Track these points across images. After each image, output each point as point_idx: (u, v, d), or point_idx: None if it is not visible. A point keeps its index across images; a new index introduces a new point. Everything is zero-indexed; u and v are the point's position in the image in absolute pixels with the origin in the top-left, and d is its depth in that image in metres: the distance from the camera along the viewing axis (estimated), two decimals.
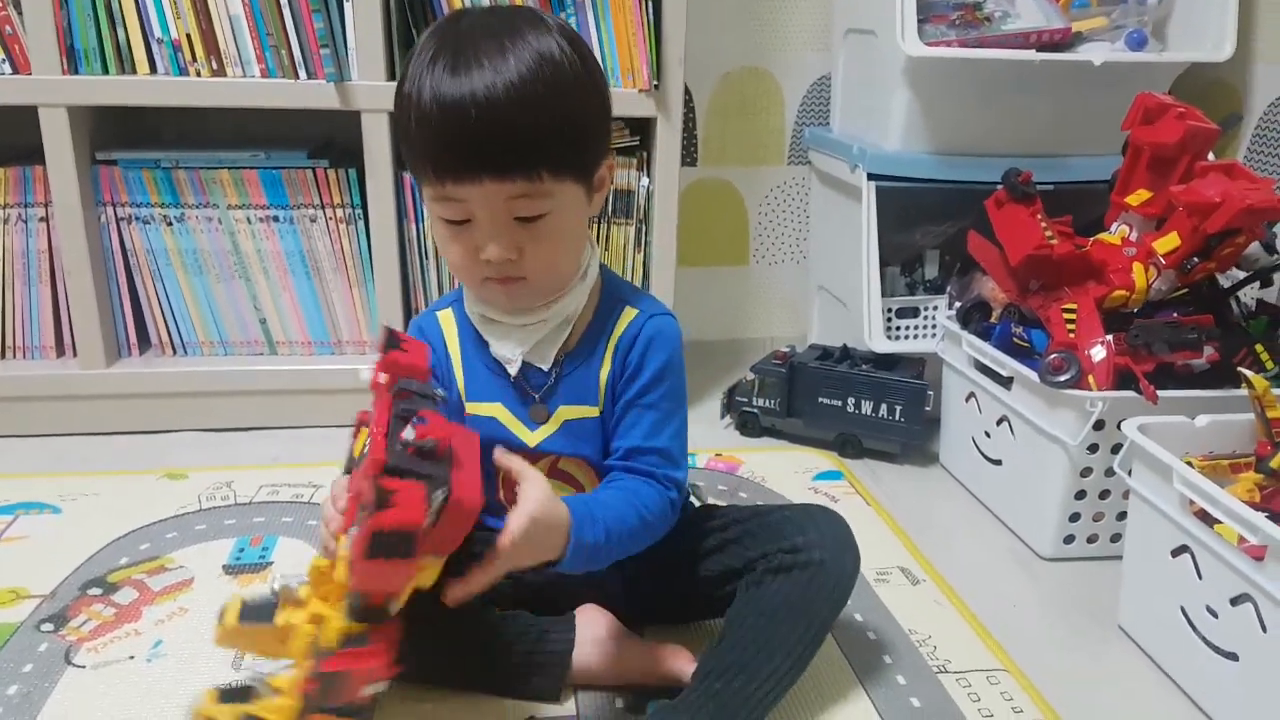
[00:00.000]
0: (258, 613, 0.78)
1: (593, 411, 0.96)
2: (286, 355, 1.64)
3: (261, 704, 0.72)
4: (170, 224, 1.54)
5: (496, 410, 0.97)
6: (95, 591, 1.16)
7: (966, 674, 1.05)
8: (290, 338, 1.63)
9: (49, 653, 1.04)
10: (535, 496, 0.80)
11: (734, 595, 0.97)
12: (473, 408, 0.97)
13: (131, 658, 1.04)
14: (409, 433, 0.71)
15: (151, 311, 1.59)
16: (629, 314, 0.96)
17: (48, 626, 1.09)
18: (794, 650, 0.93)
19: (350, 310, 1.63)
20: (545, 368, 0.95)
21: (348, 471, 0.85)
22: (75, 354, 1.57)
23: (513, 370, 0.95)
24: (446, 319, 0.99)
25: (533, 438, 0.97)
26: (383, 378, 0.79)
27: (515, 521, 0.79)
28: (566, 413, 0.96)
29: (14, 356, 1.59)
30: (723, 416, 1.71)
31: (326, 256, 1.59)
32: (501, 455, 0.85)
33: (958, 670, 1.06)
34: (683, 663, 0.98)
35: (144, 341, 1.62)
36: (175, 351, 1.62)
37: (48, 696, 0.97)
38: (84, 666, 1.02)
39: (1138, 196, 1.34)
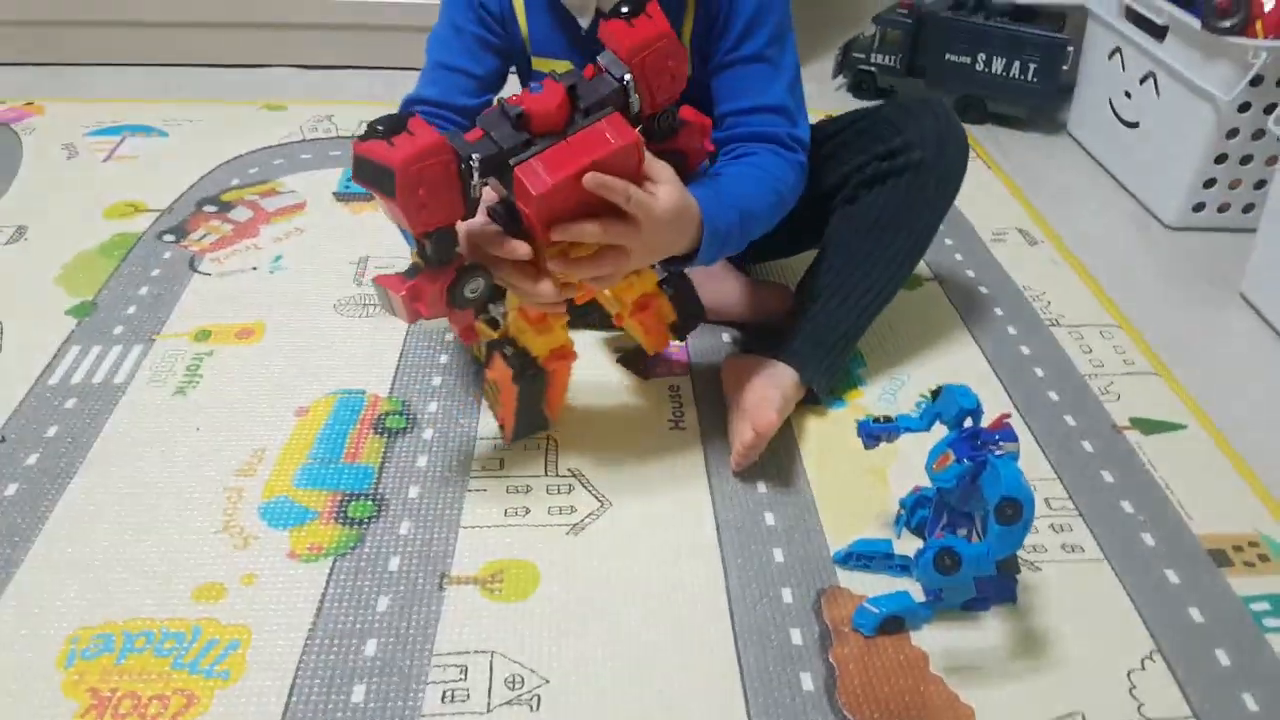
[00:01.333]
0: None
1: None
2: None
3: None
4: None
5: (564, 67, 0.82)
6: (211, 209, 1.18)
7: (1079, 328, 1.04)
8: None
9: (174, 260, 1.08)
10: (667, 178, 0.71)
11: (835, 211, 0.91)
12: (538, 63, 0.87)
13: (255, 269, 1.07)
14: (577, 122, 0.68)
15: None
16: None
17: (169, 237, 1.12)
18: (892, 263, 0.89)
19: None
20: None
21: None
22: None
23: (585, 21, 0.84)
24: None
25: None
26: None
27: (663, 198, 0.70)
28: None
29: None
30: (835, 75, 1.61)
31: None
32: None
33: (1070, 324, 1.05)
34: (782, 299, 0.97)
35: None
36: None
37: (178, 298, 1.02)
38: (209, 274, 1.06)
39: None
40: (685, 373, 0.95)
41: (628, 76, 0.69)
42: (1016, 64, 1.43)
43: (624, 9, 0.68)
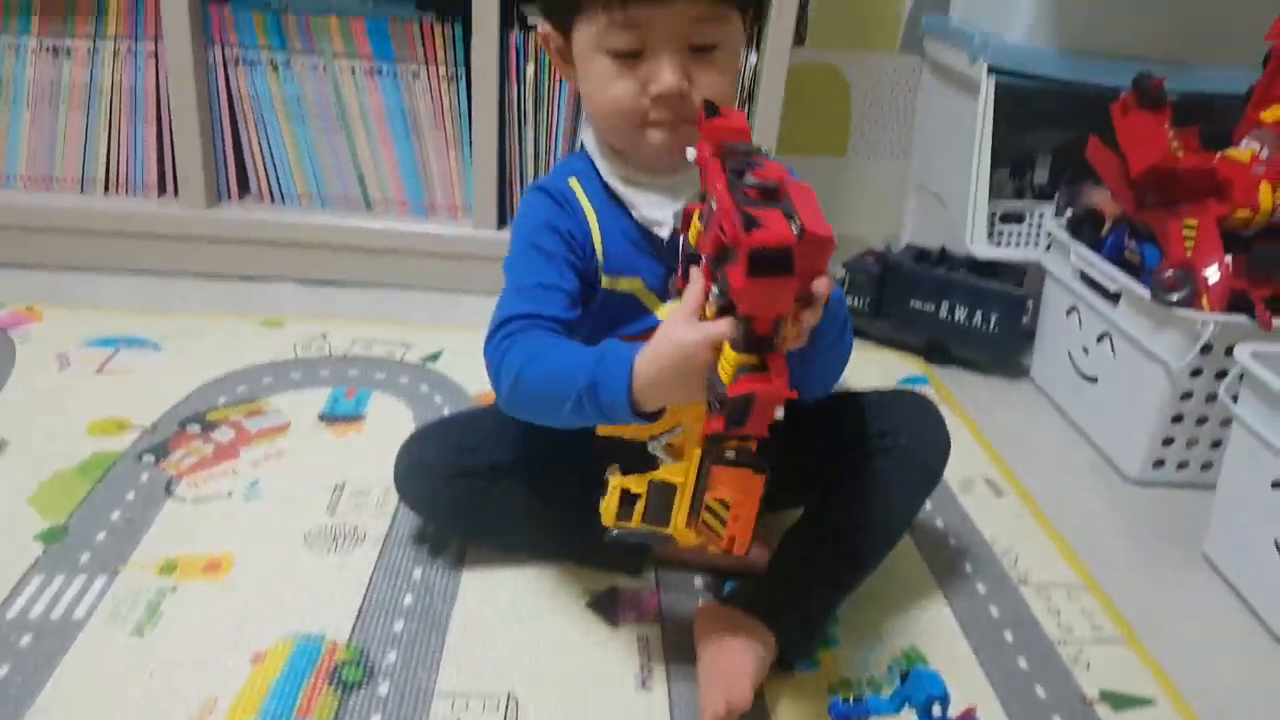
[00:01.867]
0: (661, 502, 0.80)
1: None
2: (382, 213, 1.65)
3: (665, 468, 0.78)
4: (276, 69, 1.54)
5: (635, 285, 0.91)
6: (194, 428, 1.19)
7: (1047, 587, 1.05)
8: (386, 196, 1.64)
9: (150, 483, 1.09)
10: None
11: (817, 482, 0.96)
12: (609, 282, 0.91)
13: (230, 494, 1.08)
14: (749, 178, 0.71)
15: (253, 157, 1.60)
16: None
17: (149, 457, 1.13)
18: (873, 539, 0.94)
19: (446, 172, 1.62)
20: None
21: (683, 264, 0.83)
22: (176, 194, 1.59)
23: (664, 232, 0.89)
24: (576, 187, 0.92)
25: (665, 312, 0.92)
26: (707, 148, 0.78)
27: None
28: None
29: (117, 192, 1.62)
30: None
31: (426, 115, 1.58)
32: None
33: (1038, 583, 1.06)
34: (759, 551, 0.98)
35: (244, 187, 1.64)
36: (274, 200, 1.63)
37: (149, 526, 1.02)
38: (184, 500, 1.06)
39: (1274, 112, 1.26)
40: (655, 621, 0.95)
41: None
42: (978, 314, 1.50)
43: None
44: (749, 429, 0.71)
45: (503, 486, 0.96)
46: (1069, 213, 1.48)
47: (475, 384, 1.34)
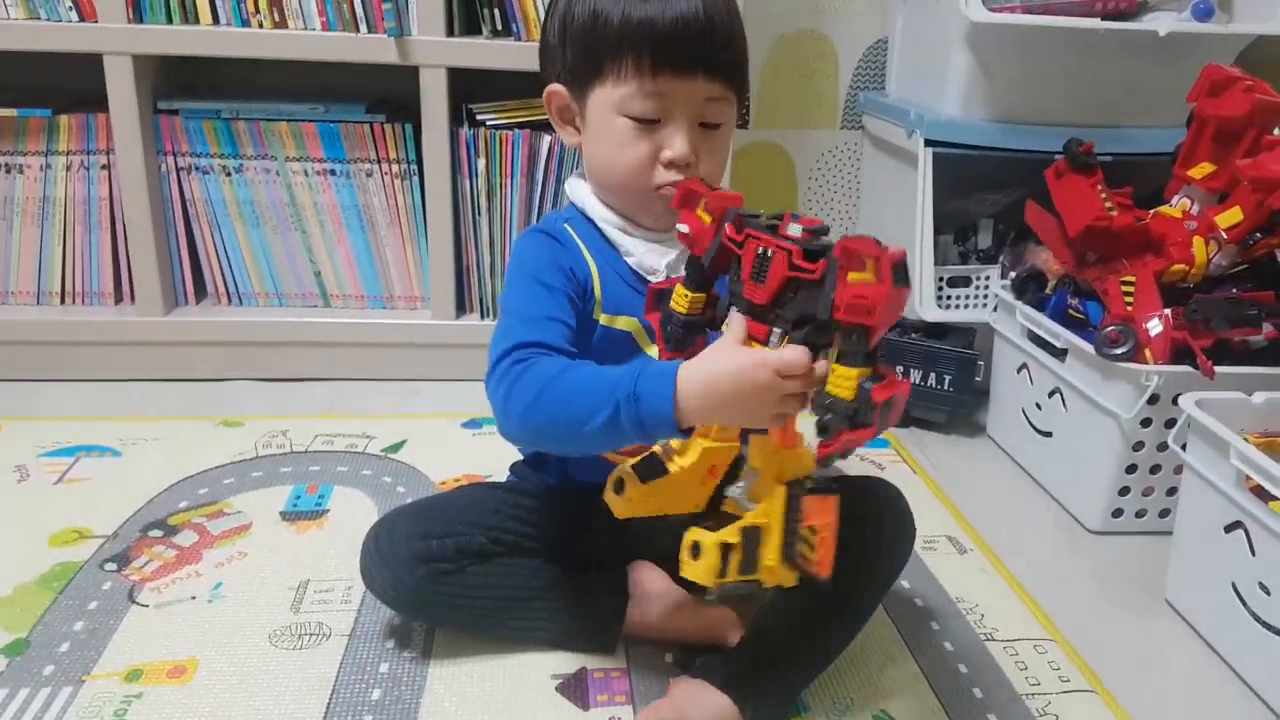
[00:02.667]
0: (652, 469, 0.84)
1: None
2: (340, 308, 1.66)
3: (746, 515, 0.79)
4: (229, 174, 1.56)
5: (632, 325, 0.95)
6: (156, 533, 1.19)
7: (1013, 642, 1.06)
8: (344, 291, 1.65)
9: (113, 591, 1.07)
10: None
11: None
12: (608, 320, 0.95)
13: (193, 598, 1.07)
14: (794, 228, 0.76)
15: (209, 261, 1.62)
16: None
17: (111, 566, 1.12)
18: (843, 624, 0.95)
19: (403, 265, 1.64)
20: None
21: (664, 328, 0.87)
22: (133, 301, 1.60)
23: (657, 278, 0.93)
24: (571, 230, 0.96)
25: (658, 354, 0.95)
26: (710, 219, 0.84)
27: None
28: None
29: (74, 302, 1.62)
30: None
31: (381, 211, 1.60)
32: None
33: (1005, 639, 1.07)
34: (729, 627, 0.99)
35: (201, 291, 1.65)
36: (231, 301, 1.64)
37: (113, 633, 1.00)
38: (147, 605, 1.05)
39: (1201, 170, 1.32)
40: (627, 701, 0.94)
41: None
42: (933, 375, 1.53)
43: None
44: (890, 424, 0.74)
45: (471, 572, 0.96)
46: (1013, 274, 1.52)
47: (439, 471, 1.34)
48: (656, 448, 0.85)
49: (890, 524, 0.99)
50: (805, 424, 0.78)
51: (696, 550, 0.79)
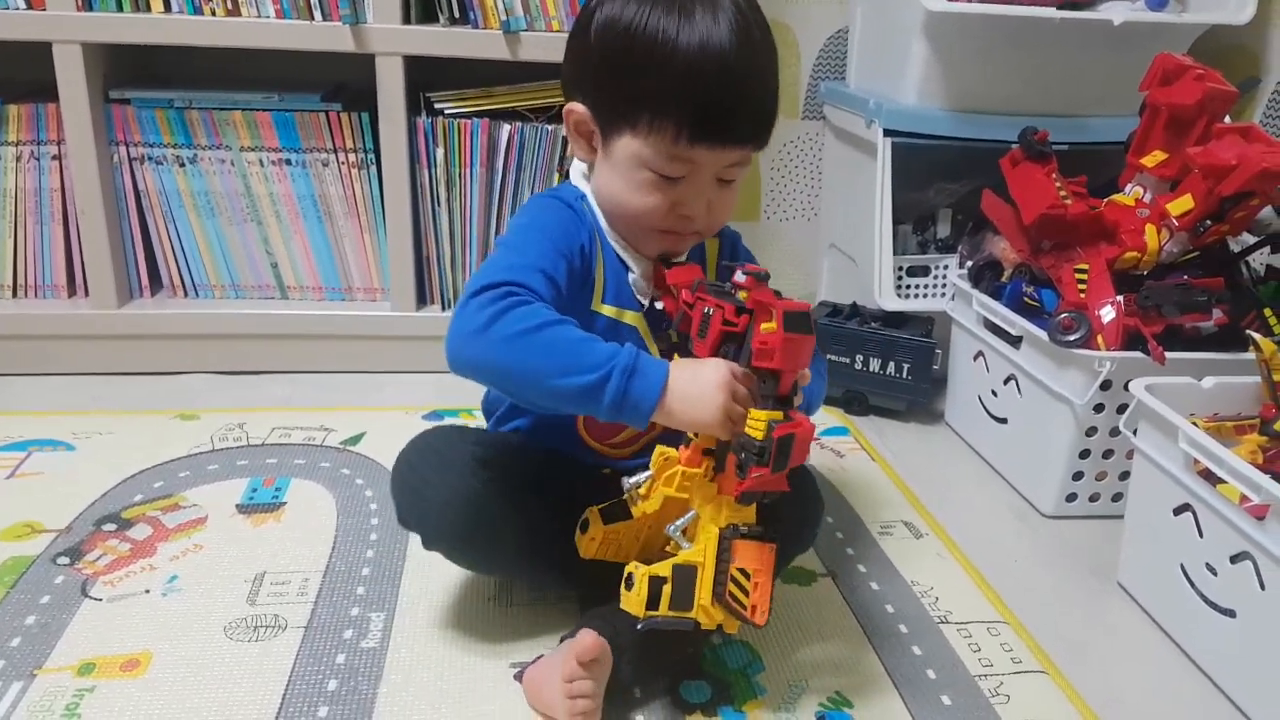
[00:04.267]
0: (617, 513, 0.91)
1: None
2: (297, 299, 1.65)
3: (683, 553, 0.83)
4: (183, 165, 1.55)
5: (638, 321, 0.97)
6: (110, 527, 1.17)
7: (967, 625, 1.07)
8: (301, 282, 1.64)
9: (65, 585, 1.06)
10: None
11: None
12: (616, 312, 0.96)
13: (147, 591, 1.06)
14: (740, 275, 0.85)
15: (163, 253, 1.60)
16: (713, 242, 1.05)
17: (64, 560, 1.11)
18: None
19: (361, 256, 1.63)
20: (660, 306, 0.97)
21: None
22: (87, 294, 1.58)
23: (646, 300, 0.97)
24: (586, 209, 0.96)
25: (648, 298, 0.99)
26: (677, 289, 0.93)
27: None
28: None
29: (26, 296, 1.60)
30: None
31: (338, 201, 1.59)
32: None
33: (958, 621, 1.08)
34: None
35: (155, 283, 1.63)
36: (187, 293, 1.63)
37: (65, 627, 0.99)
38: (100, 599, 1.04)
39: (1153, 158, 1.34)
40: None
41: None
42: (892, 364, 1.55)
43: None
44: (757, 483, 0.79)
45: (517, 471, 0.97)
46: (970, 263, 1.53)
47: None
48: (629, 490, 0.90)
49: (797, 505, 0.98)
50: None
51: (630, 581, 0.82)
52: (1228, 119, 1.33)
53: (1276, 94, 1.63)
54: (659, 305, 0.97)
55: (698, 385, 0.80)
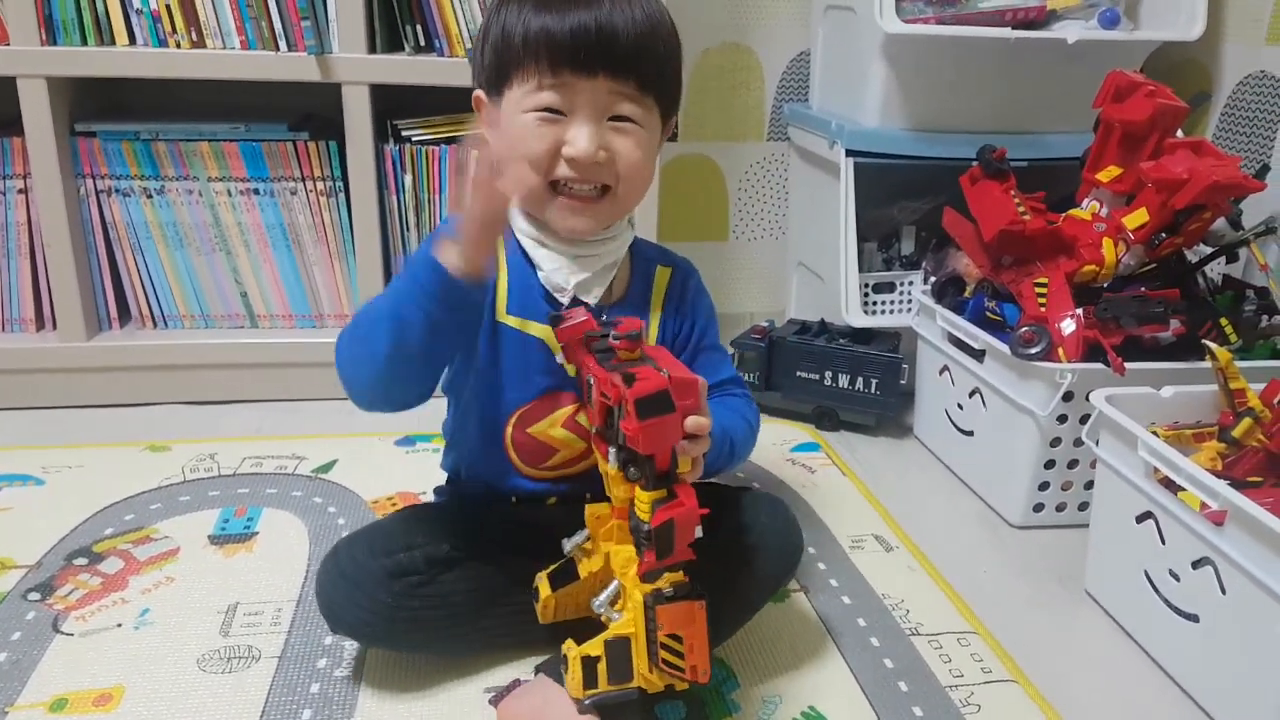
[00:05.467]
0: (564, 576, 0.93)
1: None
2: (268, 328, 1.65)
3: (614, 625, 0.83)
4: (150, 196, 1.55)
5: (545, 333, 0.95)
6: (81, 561, 1.17)
7: (938, 636, 1.09)
8: (271, 311, 1.64)
9: (37, 621, 1.05)
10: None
11: None
12: (520, 323, 0.96)
13: (119, 625, 1.05)
14: (614, 336, 0.84)
15: (132, 284, 1.60)
16: (664, 272, 1.03)
17: (34, 595, 1.10)
18: (728, 619, 0.98)
19: (331, 283, 1.64)
20: (592, 303, 0.96)
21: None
22: (55, 327, 1.57)
23: (565, 299, 0.95)
24: None
25: (571, 369, 0.96)
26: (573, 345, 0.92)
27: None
28: None
29: None
30: None
31: (307, 229, 1.60)
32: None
33: (929, 633, 1.09)
34: None
35: (124, 314, 1.63)
36: (156, 324, 1.62)
37: (37, 664, 0.99)
38: (72, 634, 1.04)
39: (1108, 173, 1.36)
40: None
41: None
42: (860, 379, 1.57)
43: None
44: (677, 555, 0.79)
45: (442, 580, 0.96)
46: (933, 279, 1.56)
47: (370, 490, 1.34)
48: (571, 551, 0.91)
49: (771, 534, 1.01)
50: None
51: (565, 663, 0.83)
52: (1180, 133, 1.37)
53: (1227, 108, 1.67)
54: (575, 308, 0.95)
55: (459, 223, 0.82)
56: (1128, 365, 1.23)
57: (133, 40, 1.46)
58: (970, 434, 1.44)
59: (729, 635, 1.02)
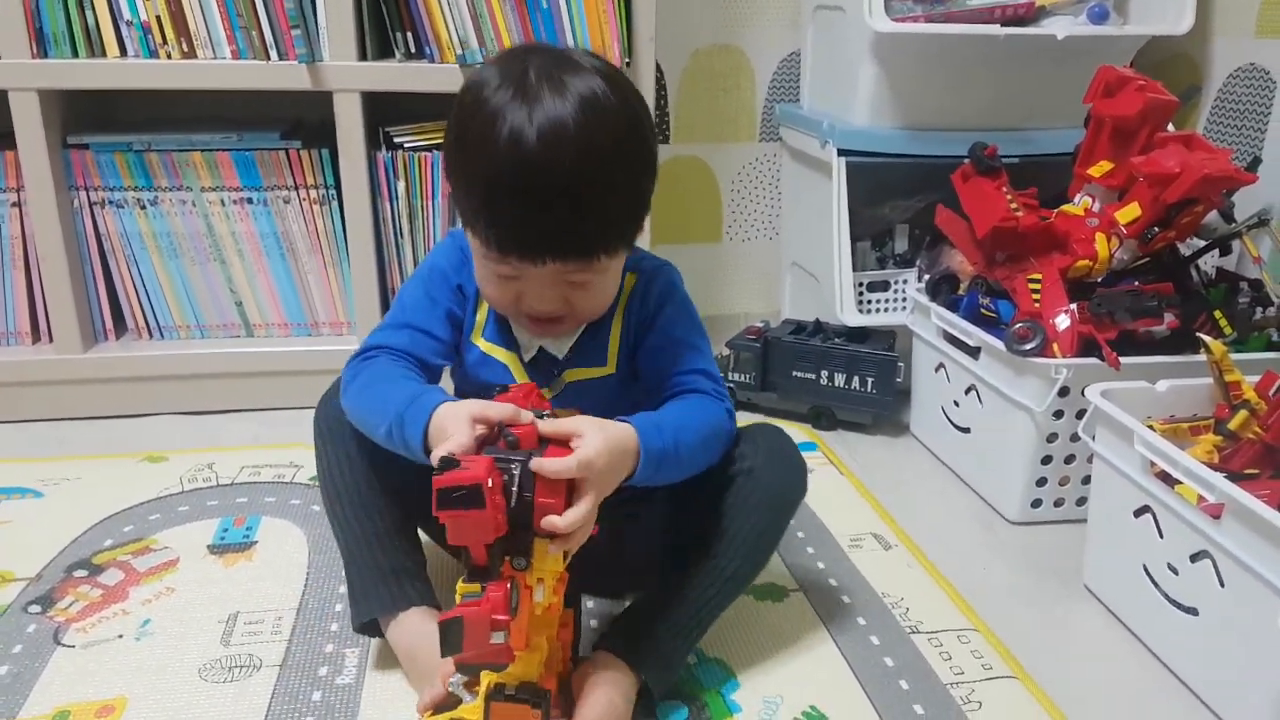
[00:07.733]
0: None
1: (602, 371, 0.98)
2: (263, 337, 1.65)
3: (462, 708, 0.84)
4: (144, 207, 1.55)
5: (510, 359, 0.98)
6: (81, 573, 1.17)
7: (938, 634, 1.09)
8: (266, 320, 1.64)
9: (37, 633, 1.05)
10: (591, 426, 0.81)
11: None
12: (488, 348, 0.98)
13: (120, 636, 1.05)
14: (508, 435, 0.78)
15: (127, 295, 1.60)
16: (630, 279, 0.99)
17: (35, 608, 1.10)
18: (727, 563, 0.96)
19: (326, 291, 1.64)
20: (560, 356, 0.98)
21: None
22: (51, 339, 1.57)
23: (527, 357, 0.98)
24: None
25: None
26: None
27: (588, 447, 0.79)
28: (573, 375, 0.98)
29: None
30: None
31: (301, 237, 1.60)
32: (545, 424, 0.81)
33: (929, 630, 1.09)
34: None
35: (120, 326, 1.63)
36: (151, 335, 1.62)
37: (38, 676, 0.99)
38: (73, 646, 1.04)
39: (1100, 168, 1.37)
40: (562, 717, 0.95)
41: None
42: (856, 378, 1.57)
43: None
44: (471, 655, 0.73)
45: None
46: (927, 277, 1.56)
47: None
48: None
49: (768, 455, 0.99)
50: None
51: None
52: (1170, 128, 1.37)
53: (1217, 102, 1.68)
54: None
55: (450, 418, 0.80)
56: (1123, 360, 1.23)
57: (124, 52, 1.46)
58: (967, 431, 1.44)
59: (745, 578, 0.99)
